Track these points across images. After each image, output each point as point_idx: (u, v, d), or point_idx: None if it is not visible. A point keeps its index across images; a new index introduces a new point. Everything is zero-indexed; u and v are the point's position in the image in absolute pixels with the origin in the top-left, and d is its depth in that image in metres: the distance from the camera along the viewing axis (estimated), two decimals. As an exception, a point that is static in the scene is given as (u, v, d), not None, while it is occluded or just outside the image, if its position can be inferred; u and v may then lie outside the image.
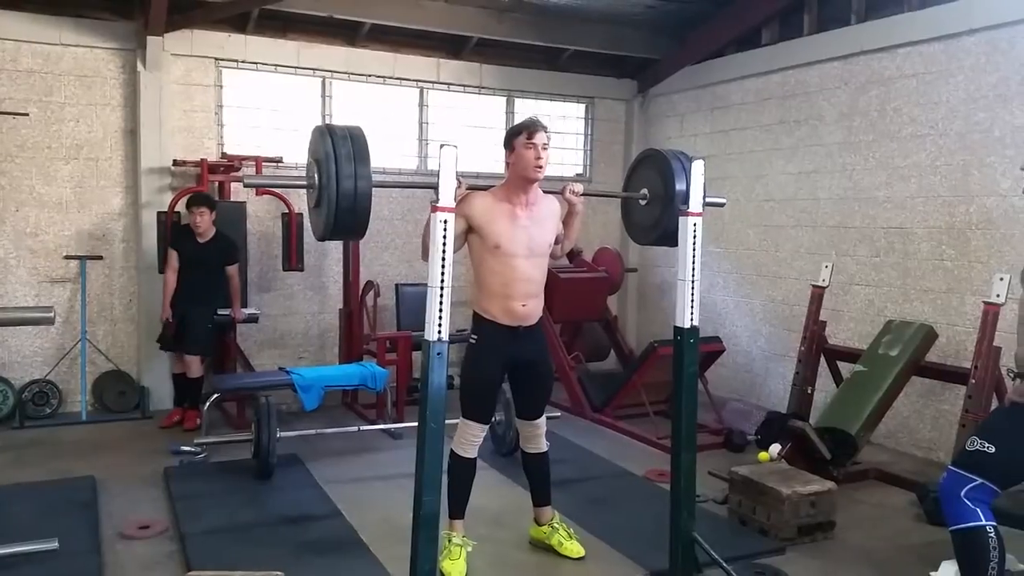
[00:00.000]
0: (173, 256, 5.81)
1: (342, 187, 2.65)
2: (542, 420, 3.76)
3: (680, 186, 3.33)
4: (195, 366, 5.85)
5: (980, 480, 2.71)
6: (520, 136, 3.42)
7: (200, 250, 5.80)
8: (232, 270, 5.95)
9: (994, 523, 2.71)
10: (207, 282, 5.84)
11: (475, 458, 3.60)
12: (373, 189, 2.76)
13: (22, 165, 5.98)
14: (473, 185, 3.47)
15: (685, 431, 3.33)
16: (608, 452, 5.37)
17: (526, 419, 3.75)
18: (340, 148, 2.68)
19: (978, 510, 2.70)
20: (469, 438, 3.57)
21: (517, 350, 3.55)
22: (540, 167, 3.39)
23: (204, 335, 5.86)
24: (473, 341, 3.58)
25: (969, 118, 5.26)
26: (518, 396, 3.80)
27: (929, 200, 5.51)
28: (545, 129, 3.46)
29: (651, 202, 3.56)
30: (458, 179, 3.00)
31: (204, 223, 5.73)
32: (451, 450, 3.53)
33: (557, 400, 6.03)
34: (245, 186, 2.96)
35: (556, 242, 3.70)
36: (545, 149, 3.42)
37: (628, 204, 3.78)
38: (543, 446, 3.77)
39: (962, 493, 2.72)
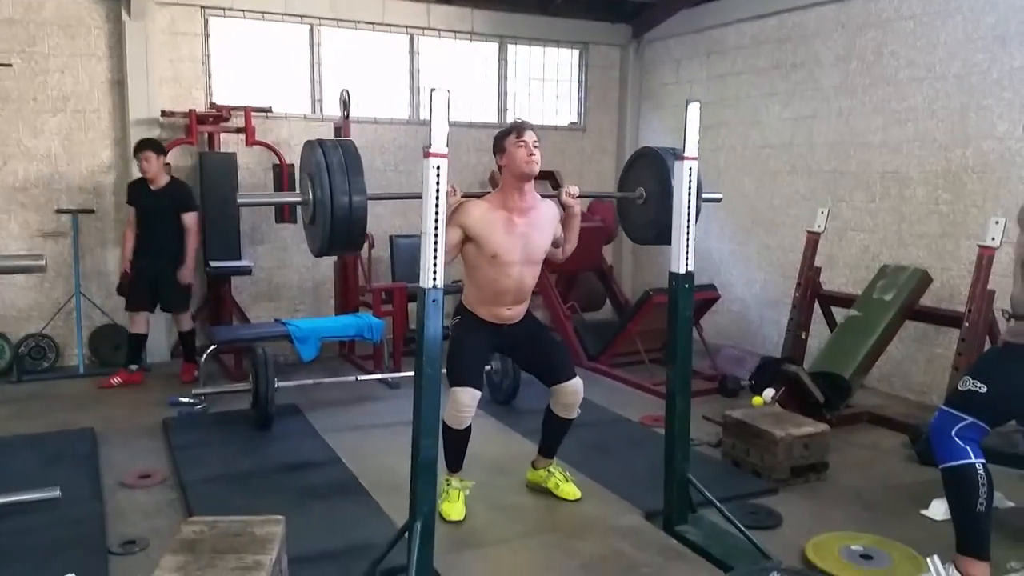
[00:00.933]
0: (131, 212, 5.65)
1: (337, 203, 2.65)
2: (578, 384, 3.66)
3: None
4: (185, 320, 5.81)
5: (971, 419, 2.74)
6: (509, 136, 3.42)
7: (153, 199, 5.57)
8: (189, 219, 5.64)
9: (983, 461, 2.75)
10: (168, 233, 5.60)
11: (469, 427, 3.54)
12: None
13: (8, 118, 5.90)
14: (467, 193, 3.49)
15: (680, 375, 3.36)
16: (604, 399, 5.41)
17: (561, 382, 3.64)
18: (333, 163, 2.68)
19: (968, 448, 2.74)
20: (461, 408, 3.46)
21: (503, 337, 3.62)
22: (533, 162, 3.37)
23: (180, 291, 5.69)
24: (456, 321, 3.62)
25: (967, 60, 5.21)
26: (534, 369, 3.77)
27: (925, 144, 5.48)
28: (533, 128, 3.45)
29: (647, 201, 3.58)
30: (452, 187, 3.07)
31: (152, 168, 5.49)
32: (443, 421, 3.39)
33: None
34: (239, 206, 2.97)
35: (556, 245, 3.69)
36: (536, 146, 3.40)
37: (624, 203, 3.79)
38: (575, 414, 3.72)
39: (953, 432, 2.75)
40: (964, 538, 2.79)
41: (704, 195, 3.49)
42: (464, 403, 3.45)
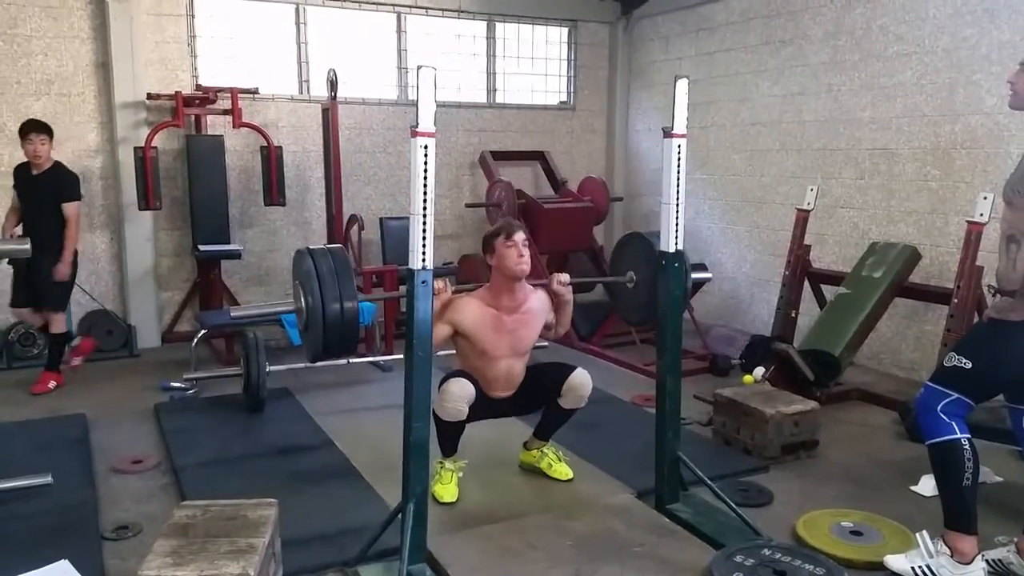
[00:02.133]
0: (14, 195, 5.20)
1: (328, 309, 2.75)
2: (586, 378, 3.64)
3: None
4: (57, 322, 5.24)
5: (956, 395, 2.76)
6: (499, 238, 3.45)
7: (32, 184, 5.06)
8: (70, 209, 5.06)
9: (968, 436, 2.77)
10: (45, 223, 5.00)
11: (462, 420, 3.51)
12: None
13: (-9, 102, 5.84)
14: (459, 288, 3.57)
15: (670, 354, 3.36)
16: (595, 379, 5.28)
17: (567, 377, 3.63)
18: (323, 272, 2.78)
19: (953, 424, 2.76)
20: (452, 400, 3.40)
21: (500, 405, 3.68)
22: (523, 263, 3.41)
23: (55, 288, 5.11)
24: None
25: (956, 34, 5.19)
26: (540, 403, 3.76)
27: (914, 120, 5.47)
28: (523, 229, 3.48)
29: (637, 285, 3.64)
30: (444, 282, 3.20)
31: (44, 152, 5.02)
32: (433, 412, 3.37)
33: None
34: (232, 318, 3.05)
35: (548, 328, 3.72)
36: (526, 247, 3.44)
37: (615, 287, 3.84)
38: (583, 404, 3.72)
39: (938, 408, 2.77)
40: (951, 513, 2.82)
41: (694, 276, 3.57)
42: (453, 393, 3.41)
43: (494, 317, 3.51)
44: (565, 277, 3.64)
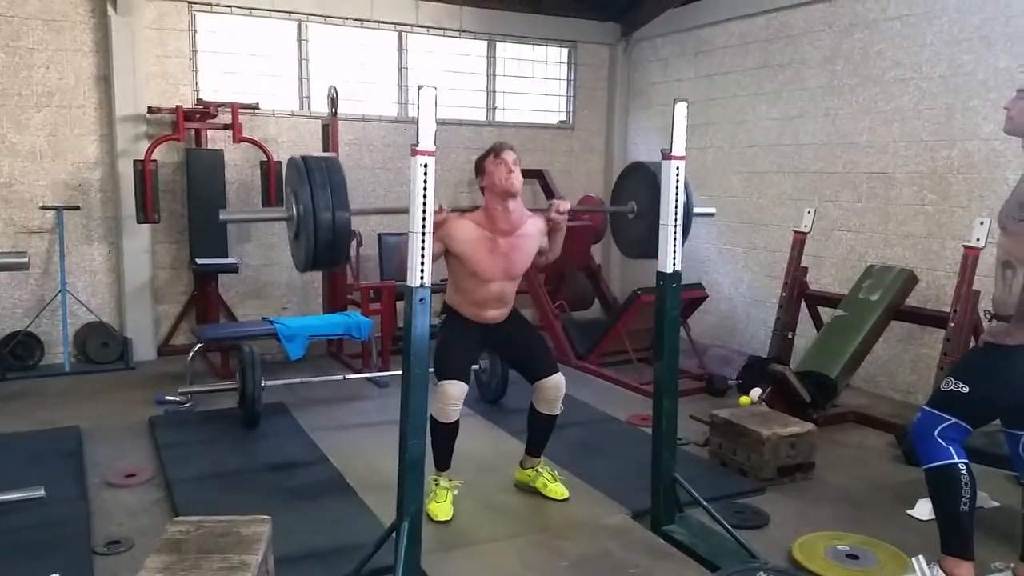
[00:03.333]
0: None
1: (320, 219, 2.68)
2: (560, 380, 3.69)
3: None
4: None
5: (953, 419, 2.76)
6: (488, 158, 3.47)
7: None
8: None
9: (966, 460, 2.76)
10: None
11: (456, 421, 3.55)
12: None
13: (-8, 113, 5.85)
14: (456, 207, 3.51)
15: (667, 374, 3.36)
16: (592, 398, 5.42)
17: (542, 377, 3.67)
18: (316, 180, 2.71)
19: (951, 448, 2.75)
20: (447, 402, 3.47)
21: (490, 334, 3.65)
22: (512, 180, 3.40)
23: None
24: (443, 318, 3.65)
25: (953, 61, 5.24)
26: (517, 364, 3.83)
27: (911, 145, 5.51)
28: (512, 148, 3.48)
29: (639, 216, 3.58)
30: (440, 206, 3.09)
31: None
32: (430, 415, 3.39)
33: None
34: (221, 222, 2.98)
35: (540, 253, 3.71)
36: (516, 165, 3.42)
37: (616, 217, 3.79)
38: (558, 410, 3.74)
39: (936, 432, 2.77)
40: (948, 538, 2.81)
41: (696, 210, 3.50)
42: (451, 396, 3.47)
43: (488, 239, 3.46)
44: (565, 205, 3.62)
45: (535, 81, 8.03)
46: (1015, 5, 4.89)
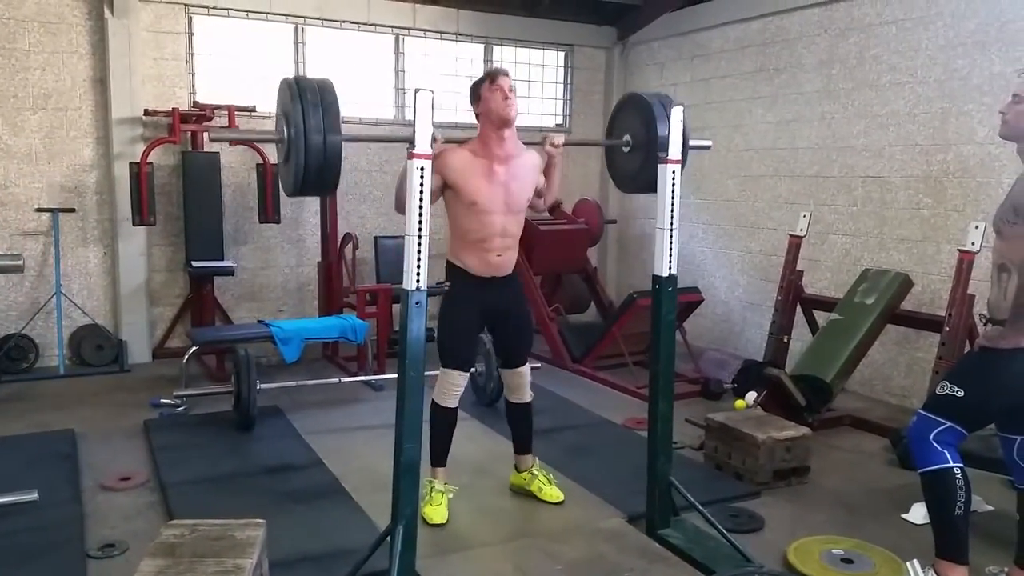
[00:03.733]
0: None
1: (310, 141, 2.59)
2: (526, 369, 3.77)
3: (663, 131, 3.29)
4: None
5: (948, 423, 2.76)
6: (484, 83, 3.42)
7: None
8: None
9: (961, 465, 2.77)
10: None
11: (456, 408, 3.63)
12: (347, 143, 2.70)
13: (-12, 115, 5.84)
14: (450, 138, 3.39)
15: (663, 377, 3.36)
16: (588, 402, 5.42)
17: (510, 367, 3.76)
18: (308, 100, 2.62)
19: (946, 452, 2.76)
20: (449, 387, 3.56)
21: (492, 299, 3.57)
22: (509, 106, 3.35)
23: None
24: (447, 289, 3.61)
25: (948, 65, 5.25)
26: (499, 345, 3.89)
27: (907, 149, 5.52)
28: (507, 74, 3.44)
29: (634, 148, 3.53)
30: (435, 135, 2.94)
31: None
32: (432, 400, 3.53)
33: (537, 351, 6.06)
34: (211, 139, 2.94)
35: (538, 195, 3.67)
36: (512, 91, 3.38)
37: (611, 151, 3.73)
38: (527, 397, 3.78)
39: (931, 436, 2.77)
40: (942, 542, 2.81)
41: (692, 143, 3.43)
42: (454, 382, 3.56)
43: (485, 166, 3.40)
44: (560, 138, 3.59)
45: (532, 84, 8.04)
46: (1009, 10, 4.90)
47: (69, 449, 4.33)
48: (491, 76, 3.41)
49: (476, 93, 3.46)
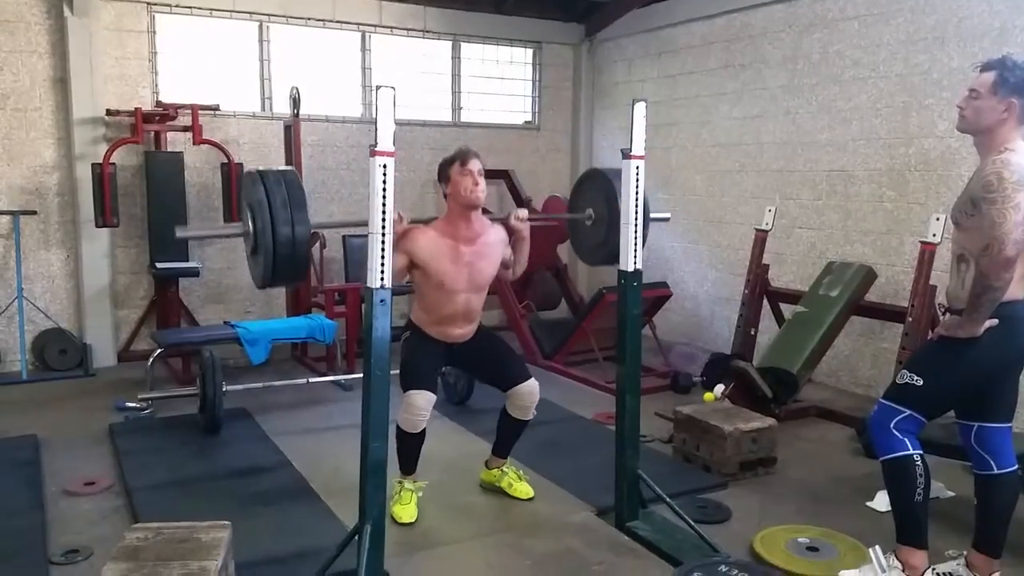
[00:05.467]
0: None
1: (279, 234, 2.62)
2: (534, 386, 3.66)
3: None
4: None
5: (908, 412, 2.81)
6: (454, 165, 3.41)
7: None
8: None
9: (921, 452, 2.81)
10: None
11: (423, 430, 3.50)
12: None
13: (-56, 116, 5.72)
14: (416, 219, 3.44)
15: (629, 372, 3.38)
16: (558, 397, 5.43)
17: (517, 384, 3.64)
18: (274, 194, 2.64)
19: (906, 440, 2.80)
20: (415, 412, 3.42)
21: (454, 352, 3.63)
22: (478, 191, 3.37)
23: None
24: (406, 335, 3.62)
25: (909, 60, 5.33)
26: (488, 378, 3.79)
27: (870, 142, 5.60)
28: (478, 157, 3.44)
29: (596, 222, 3.60)
30: (399, 214, 3.03)
31: None
32: (396, 425, 3.41)
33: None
34: (177, 238, 2.95)
35: (505, 266, 3.70)
36: (481, 175, 3.39)
37: (574, 224, 3.80)
38: (531, 416, 3.71)
39: (891, 424, 2.82)
40: (903, 528, 2.86)
41: (652, 215, 3.52)
42: (418, 406, 3.42)
43: (451, 247, 3.43)
44: (523, 212, 3.60)
45: (500, 82, 8.03)
46: (966, 6, 4.99)
47: (32, 455, 4.26)
48: (462, 159, 3.39)
49: (445, 173, 3.45)
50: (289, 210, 2.64)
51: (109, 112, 6.03)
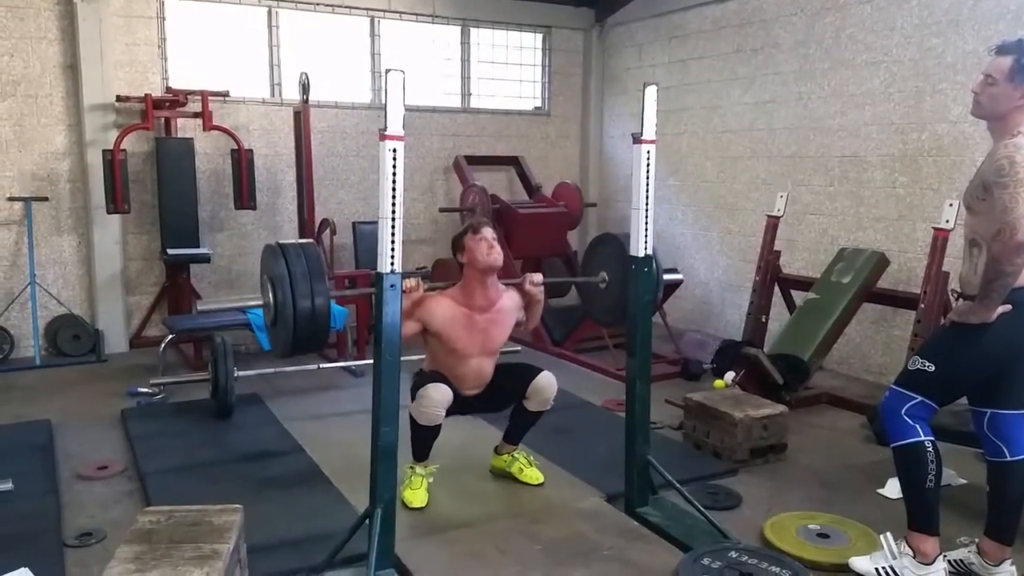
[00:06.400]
0: None
1: (299, 308, 2.69)
2: (551, 378, 3.65)
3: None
4: None
5: (920, 398, 2.79)
6: (467, 235, 3.51)
7: None
8: None
9: (932, 439, 2.80)
10: None
11: (439, 424, 3.50)
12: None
13: (-45, 103, 5.74)
14: (433, 286, 3.56)
15: (640, 359, 3.38)
16: (568, 384, 5.40)
17: (533, 379, 3.62)
18: (295, 267, 2.72)
19: (917, 426, 2.79)
20: (431, 406, 3.39)
21: (467, 402, 3.65)
22: (494, 254, 3.44)
23: None
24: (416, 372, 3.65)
25: (922, 44, 5.27)
26: (507, 402, 3.76)
27: (883, 128, 5.55)
28: (490, 226, 3.52)
29: (610, 286, 3.64)
30: (416, 280, 3.19)
31: None
32: (411, 418, 3.42)
33: (517, 335, 6.07)
34: (198, 312, 3.06)
35: (518, 325, 3.74)
36: (495, 240, 3.47)
37: (587, 287, 3.84)
38: (548, 407, 3.71)
39: (903, 411, 2.80)
40: (914, 514, 2.85)
41: (666, 278, 3.59)
42: (434, 400, 3.40)
43: (466, 316, 3.51)
44: (538, 277, 3.66)
45: (510, 67, 8.00)
46: (983, -12, 4.93)
47: (45, 440, 4.29)
48: (474, 228, 3.50)
49: (460, 244, 3.53)
50: (309, 282, 2.71)
51: (119, 98, 6.05)
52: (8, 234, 5.96)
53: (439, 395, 3.42)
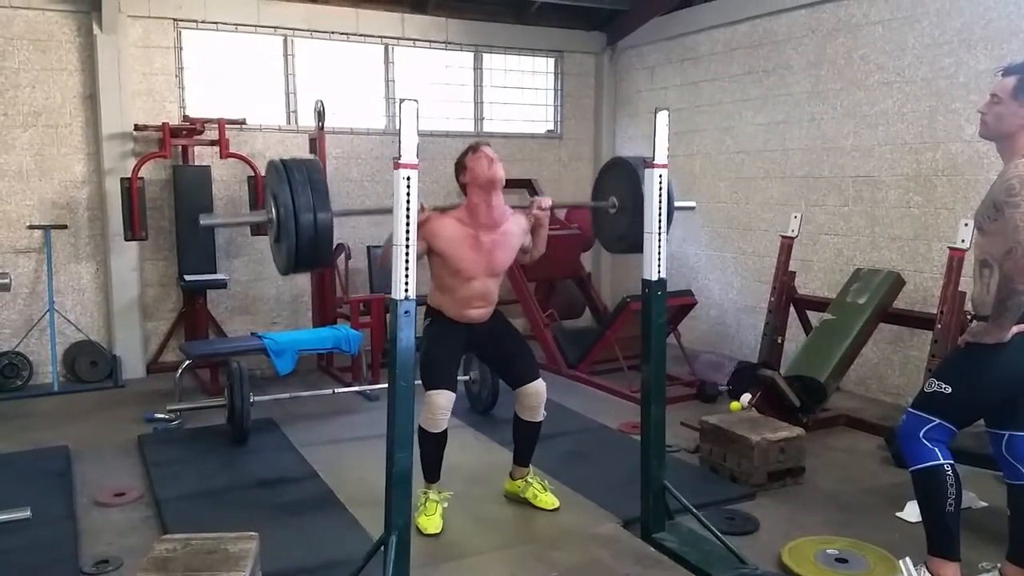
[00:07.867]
0: None
1: (301, 220, 2.69)
2: (541, 386, 3.69)
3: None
4: None
5: (938, 420, 2.77)
6: (467, 155, 3.53)
7: None
8: None
9: (951, 461, 2.77)
10: None
11: (445, 431, 3.55)
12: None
13: (-22, 134, 5.85)
14: (436, 205, 3.53)
15: (654, 382, 3.37)
16: (583, 407, 5.42)
17: (524, 383, 3.67)
18: (296, 180, 2.72)
19: (936, 449, 2.76)
20: (436, 412, 3.48)
21: (474, 331, 3.65)
22: (495, 168, 3.43)
23: None
24: (427, 323, 3.66)
25: (935, 64, 5.27)
26: (500, 366, 3.85)
27: (896, 148, 5.54)
28: (488, 144, 3.54)
29: (620, 211, 3.61)
30: (421, 205, 3.07)
31: None
32: (418, 426, 3.43)
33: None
34: (201, 226, 3.05)
35: (523, 251, 3.74)
36: (495, 158, 3.47)
37: (597, 213, 3.81)
38: (540, 416, 3.73)
39: (921, 434, 2.78)
40: (934, 539, 2.82)
41: (676, 204, 3.51)
42: (440, 405, 3.48)
43: (471, 236, 3.47)
44: (547, 201, 3.67)
45: (522, 91, 8.06)
46: (994, 8, 4.93)
47: (63, 466, 4.32)
48: (472, 147, 3.52)
49: (461, 164, 3.55)
50: (311, 196, 2.70)
51: (137, 127, 6.13)
52: (28, 262, 6.03)
53: (444, 400, 3.48)
